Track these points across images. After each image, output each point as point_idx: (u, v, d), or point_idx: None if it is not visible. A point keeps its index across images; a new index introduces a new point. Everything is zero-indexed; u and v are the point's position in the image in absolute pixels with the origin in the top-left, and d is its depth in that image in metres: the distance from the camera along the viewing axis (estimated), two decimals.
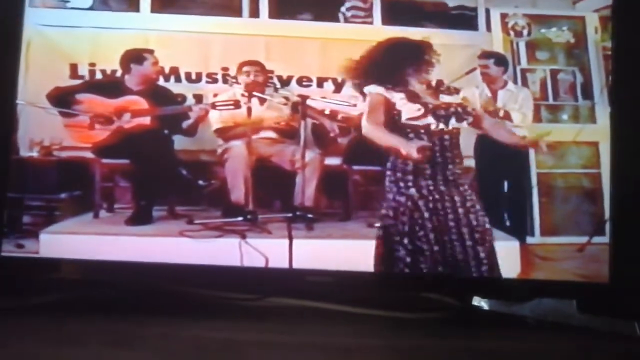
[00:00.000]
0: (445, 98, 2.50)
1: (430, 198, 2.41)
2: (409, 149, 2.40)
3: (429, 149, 2.40)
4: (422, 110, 2.42)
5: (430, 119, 2.42)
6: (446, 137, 2.44)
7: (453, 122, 2.44)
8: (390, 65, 2.50)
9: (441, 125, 2.43)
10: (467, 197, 2.44)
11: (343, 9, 2.92)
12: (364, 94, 2.52)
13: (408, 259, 2.41)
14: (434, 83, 2.59)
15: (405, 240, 2.41)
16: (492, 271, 2.45)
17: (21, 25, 2.59)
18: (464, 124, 2.47)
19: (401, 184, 2.42)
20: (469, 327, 2.42)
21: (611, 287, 2.44)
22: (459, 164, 2.46)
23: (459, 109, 2.46)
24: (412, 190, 2.41)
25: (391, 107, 2.44)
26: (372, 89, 2.49)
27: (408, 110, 2.43)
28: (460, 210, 2.43)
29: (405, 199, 2.41)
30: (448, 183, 2.43)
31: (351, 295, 2.53)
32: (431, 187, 2.42)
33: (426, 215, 2.40)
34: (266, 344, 2.09)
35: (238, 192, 2.79)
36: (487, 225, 2.46)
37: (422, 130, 2.43)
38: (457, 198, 2.43)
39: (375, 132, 2.46)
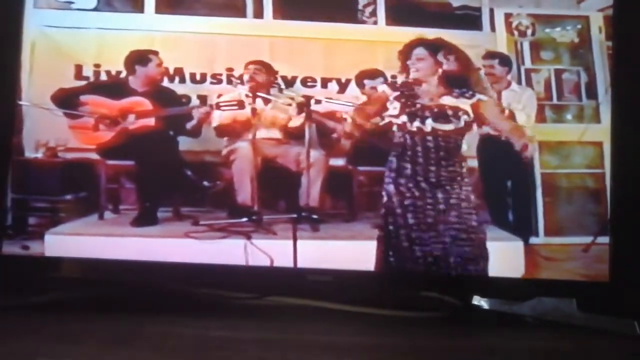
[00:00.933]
0: (446, 100, 2.51)
1: (408, 195, 2.42)
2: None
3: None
4: (397, 110, 2.45)
5: (404, 118, 2.44)
6: (429, 137, 2.44)
7: (430, 123, 2.44)
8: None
9: (417, 125, 2.43)
10: (453, 196, 2.44)
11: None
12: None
13: (390, 255, 2.46)
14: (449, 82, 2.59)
15: (388, 237, 2.46)
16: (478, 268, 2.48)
17: (21, 25, 2.61)
18: (450, 126, 2.47)
19: (385, 180, 2.48)
20: (468, 326, 2.43)
21: (611, 286, 2.43)
22: (451, 166, 2.47)
23: (449, 112, 2.48)
24: (391, 187, 2.44)
25: (385, 103, 2.48)
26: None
27: (391, 108, 2.48)
28: (441, 207, 2.43)
29: (385, 194, 2.47)
30: (431, 183, 2.44)
31: (351, 295, 2.53)
32: (410, 185, 2.43)
33: (398, 211, 2.42)
34: (267, 342, 2.09)
35: (244, 192, 2.79)
36: (474, 223, 2.46)
37: (405, 130, 2.46)
38: (440, 196, 2.44)
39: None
